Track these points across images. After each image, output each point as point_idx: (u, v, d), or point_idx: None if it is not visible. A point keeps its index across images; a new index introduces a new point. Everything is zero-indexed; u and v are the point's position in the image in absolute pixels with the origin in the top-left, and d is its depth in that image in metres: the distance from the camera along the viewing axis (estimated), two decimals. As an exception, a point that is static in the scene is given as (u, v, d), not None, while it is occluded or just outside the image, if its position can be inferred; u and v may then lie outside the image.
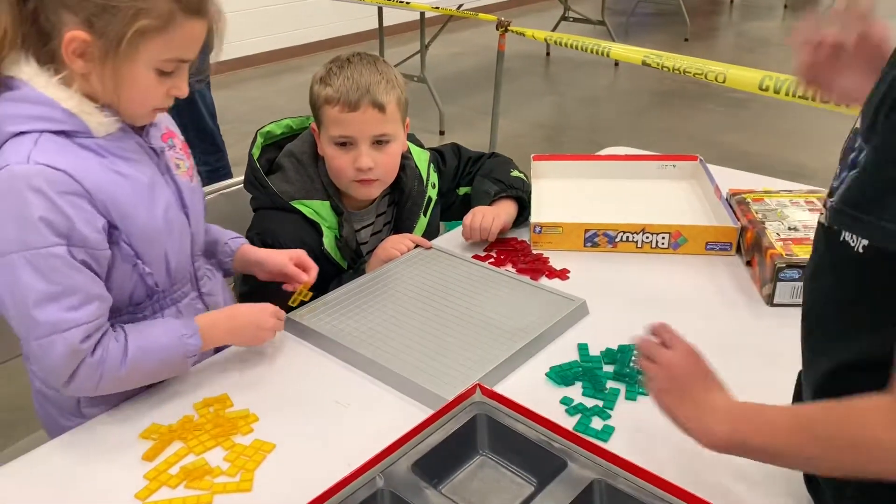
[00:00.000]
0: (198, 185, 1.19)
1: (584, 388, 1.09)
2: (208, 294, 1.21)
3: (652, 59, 2.18)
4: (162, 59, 0.99)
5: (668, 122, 4.49)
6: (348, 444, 0.99)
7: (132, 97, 1.01)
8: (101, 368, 0.99)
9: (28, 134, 0.97)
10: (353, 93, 1.31)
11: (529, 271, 1.39)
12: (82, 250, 0.97)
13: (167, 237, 1.08)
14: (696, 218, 1.57)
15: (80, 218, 0.97)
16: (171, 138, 1.16)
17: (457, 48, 5.85)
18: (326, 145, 1.36)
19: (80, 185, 0.97)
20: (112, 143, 1.02)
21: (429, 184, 1.52)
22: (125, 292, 1.07)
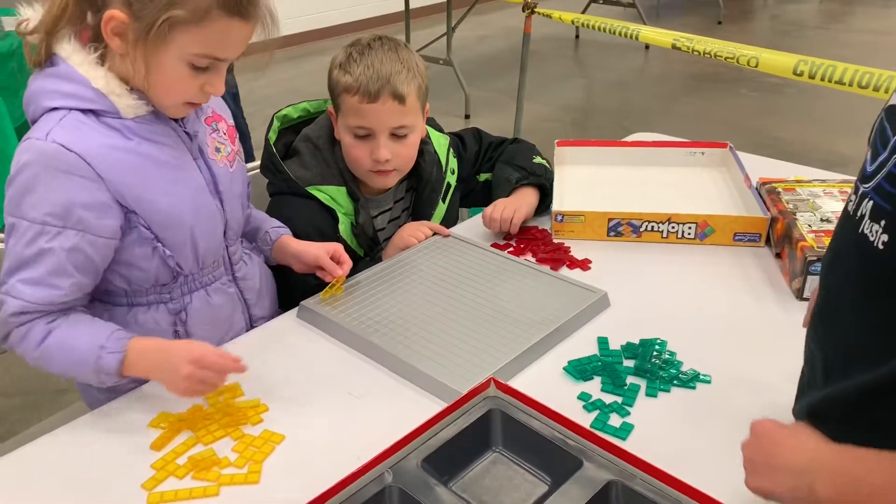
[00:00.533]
0: (240, 171, 1.18)
1: (603, 384, 1.06)
2: (243, 279, 1.21)
3: (682, 42, 2.11)
4: (193, 52, 0.97)
5: (699, 107, 4.39)
6: (359, 437, 0.96)
7: (161, 86, 1.00)
8: (22, 344, 1.01)
9: (59, 110, 0.99)
10: (372, 83, 1.27)
11: (550, 261, 1.35)
12: (79, 234, 0.98)
13: (194, 221, 1.07)
14: (725, 207, 1.52)
15: (82, 201, 0.97)
16: (216, 122, 1.15)
17: (483, 30, 5.78)
18: (344, 132, 1.33)
19: (92, 168, 0.98)
20: (141, 125, 1.03)
21: (448, 170, 1.48)
22: (148, 273, 1.07)
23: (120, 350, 0.99)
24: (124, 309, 1.11)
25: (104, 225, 1.00)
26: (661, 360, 1.10)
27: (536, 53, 5.30)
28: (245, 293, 1.22)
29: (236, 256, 1.20)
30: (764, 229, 1.40)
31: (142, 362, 1.00)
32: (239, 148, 1.19)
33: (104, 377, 0.99)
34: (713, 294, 1.26)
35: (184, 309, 1.13)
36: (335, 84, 1.32)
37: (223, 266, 1.17)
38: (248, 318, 1.23)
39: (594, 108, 4.55)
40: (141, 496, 0.89)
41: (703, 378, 1.07)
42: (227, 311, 1.18)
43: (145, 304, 1.11)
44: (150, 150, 1.03)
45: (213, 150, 1.13)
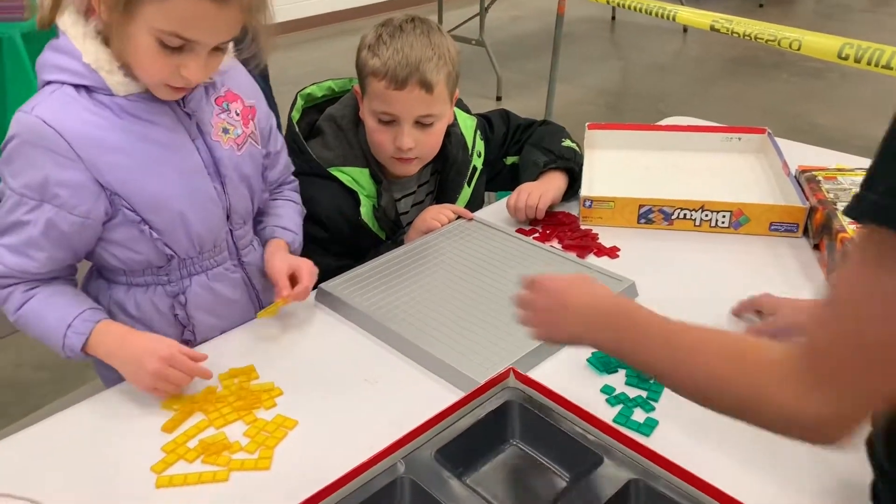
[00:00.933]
0: (251, 154, 1.13)
1: (628, 377, 1.02)
2: (251, 264, 1.18)
3: (721, 23, 2.04)
4: (159, 28, 0.92)
5: (737, 91, 4.28)
6: (373, 425, 0.94)
7: (137, 63, 0.97)
8: (5, 305, 1.03)
9: (53, 84, 0.98)
10: (401, 69, 1.23)
11: (576, 248, 1.31)
12: (54, 210, 0.97)
13: (186, 205, 1.04)
14: (761, 196, 1.47)
15: (57, 177, 0.96)
16: (228, 102, 1.11)
17: (517, 11, 5.69)
18: (368, 116, 1.30)
19: (70, 146, 0.96)
20: (135, 103, 1.00)
21: (474, 152, 1.44)
22: (140, 255, 1.05)
23: (85, 332, 0.99)
24: (124, 288, 1.10)
25: (78, 204, 0.98)
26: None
27: (571, 35, 5.21)
28: (253, 279, 1.18)
29: (244, 241, 1.16)
30: (802, 219, 1.34)
31: (104, 347, 1.00)
32: (254, 130, 1.14)
33: (69, 353, 1.00)
34: (747, 286, 1.20)
35: (182, 292, 1.10)
36: (363, 65, 1.28)
37: (227, 251, 1.14)
38: (259, 304, 1.20)
39: (629, 91, 4.46)
40: (150, 479, 0.87)
41: (733, 374, 1.02)
42: (232, 297, 1.15)
43: (143, 284, 1.09)
44: (141, 130, 1.00)
45: (218, 130, 1.08)
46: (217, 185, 1.08)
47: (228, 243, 1.14)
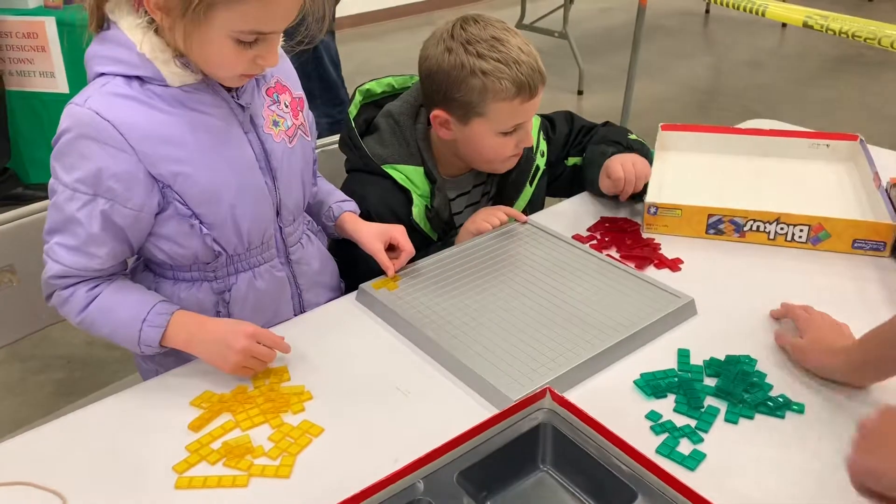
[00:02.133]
0: (301, 146, 1.12)
1: (677, 403, 0.94)
2: (297, 262, 1.15)
3: (815, 20, 1.89)
4: (237, 29, 0.92)
5: (837, 91, 4.03)
6: (400, 438, 0.90)
7: (209, 61, 0.96)
8: (65, 307, 1.01)
9: (105, 76, 0.97)
10: (532, 79, 1.18)
11: (635, 258, 1.24)
12: (108, 203, 0.96)
13: (236, 199, 1.02)
14: (846, 209, 1.35)
15: (111, 170, 0.95)
16: (278, 93, 1.09)
17: (606, 3, 5.53)
18: (487, 136, 1.23)
19: (125, 138, 0.95)
20: (188, 94, 0.98)
21: (538, 152, 1.38)
22: (188, 250, 1.03)
23: (161, 325, 0.99)
24: (170, 282, 1.08)
25: (131, 197, 0.96)
26: (748, 381, 0.97)
27: (661, 28, 5.03)
28: (298, 278, 1.16)
29: (293, 238, 1.14)
30: (890, 237, 1.23)
31: (183, 335, 1.00)
32: (303, 122, 1.13)
33: (145, 348, 1.00)
34: (823, 309, 1.11)
35: (228, 290, 1.08)
36: (479, 93, 1.18)
37: (275, 248, 1.12)
38: (300, 305, 1.18)
39: (719, 89, 4.26)
40: (171, 478, 0.86)
41: (795, 407, 0.93)
42: (274, 296, 1.13)
43: (189, 280, 1.08)
44: (195, 121, 0.98)
45: (269, 123, 1.06)
46: (268, 179, 1.06)
47: (277, 240, 1.12)
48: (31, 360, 2.18)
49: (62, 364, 2.18)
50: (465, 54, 1.18)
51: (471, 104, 1.20)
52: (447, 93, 1.21)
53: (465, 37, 1.19)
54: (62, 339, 2.24)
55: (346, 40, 4.24)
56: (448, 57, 1.19)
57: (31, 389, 2.09)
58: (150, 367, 1.12)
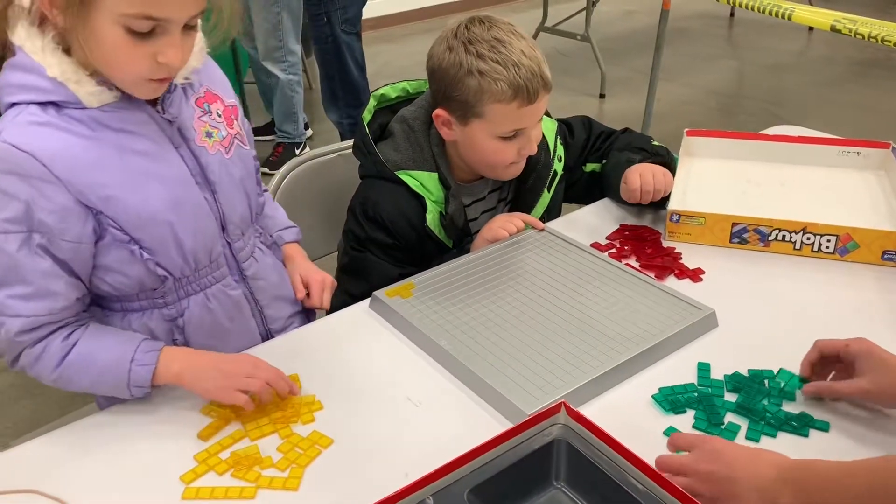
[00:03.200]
0: (240, 156, 1.06)
1: (697, 419, 0.92)
2: (254, 278, 1.10)
3: (843, 24, 1.85)
4: (124, 13, 0.84)
5: (865, 97, 3.95)
6: (410, 451, 0.89)
7: (108, 60, 0.88)
8: (38, 365, 0.93)
9: (18, 105, 0.90)
10: (531, 84, 1.15)
11: (655, 268, 1.21)
12: (44, 237, 0.90)
13: (174, 218, 0.96)
14: (876, 219, 1.31)
15: (40, 204, 0.88)
16: (209, 103, 1.03)
17: (630, 5, 5.48)
18: (486, 139, 1.20)
19: (47, 168, 0.88)
20: (109, 114, 0.92)
21: (555, 157, 1.36)
22: (132, 278, 0.97)
23: (151, 363, 0.93)
24: (119, 315, 1.02)
25: (67, 228, 0.90)
26: (771, 397, 0.94)
27: (685, 31, 4.97)
28: (256, 294, 1.11)
29: (244, 253, 1.08)
30: (921, 249, 1.19)
31: (174, 370, 0.95)
32: (239, 130, 1.07)
33: (135, 390, 0.94)
34: (847, 323, 1.07)
35: (180, 315, 1.02)
36: (475, 93, 1.16)
37: (226, 265, 1.06)
38: (263, 322, 1.13)
39: (744, 93, 4.20)
40: (178, 488, 0.85)
41: (819, 424, 0.90)
42: (231, 317, 1.07)
43: (138, 309, 1.01)
44: (119, 142, 0.92)
45: (201, 135, 1.00)
46: (207, 194, 1.01)
47: (227, 257, 1.06)
48: (50, 361, 2.18)
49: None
50: (464, 53, 1.17)
51: (468, 104, 1.18)
52: (446, 91, 1.19)
53: (467, 36, 1.17)
54: (80, 339, 2.24)
55: (367, 43, 4.23)
56: (448, 55, 1.18)
57: (49, 391, 2.08)
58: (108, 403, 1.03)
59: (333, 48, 2.79)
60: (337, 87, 2.85)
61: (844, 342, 0.92)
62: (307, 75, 4.02)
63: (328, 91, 2.92)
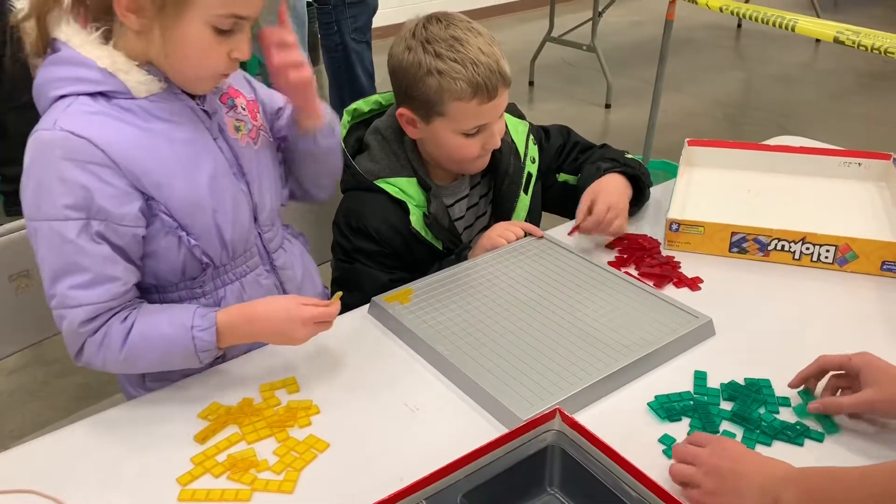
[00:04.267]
0: (267, 148, 1.10)
1: (692, 427, 0.92)
2: (283, 268, 1.13)
3: (847, 35, 1.85)
4: (216, 13, 0.90)
5: (872, 108, 3.94)
6: (406, 455, 0.89)
7: (189, 57, 0.94)
8: (102, 351, 0.95)
9: (66, 98, 0.93)
10: (489, 81, 1.16)
11: (654, 276, 1.21)
12: (102, 223, 0.92)
13: (216, 206, 1.00)
14: (876, 230, 1.31)
15: (99, 189, 0.91)
16: (232, 98, 1.07)
17: (638, 16, 5.49)
18: (448, 135, 1.22)
19: (105, 153, 0.91)
20: (155, 104, 0.96)
21: (527, 158, 1.36)
22: (175, 266, 1.01)
23: (210, 325, 0.95)
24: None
25: (125, 213, 0.93)
26: (767, 405, 0.94)
27: (692, 42, 4.97)
28: (285, 284, 1.14)
29: (274, 243, 1.12)
30: (920, 260, 1.19)
31: (238, 333, 0.98)
32: (263, 123, 1.11)
33: (203, 355, 0.96)
34: (845, 334, 1.07)
35: (217, 304, 1.05)
36: (436, 92, 1.17)
37: (258, 255, 1.09)
38: None
39: (751, 103, 4.20)
40: (174, 490, 0.85)
41: (814, 435, 0.90)
42: None
43: (177, 299, 1.04)
44: (166, 131, 0.96)
45: (231, 128, 1.04)
46: (242, 184, 1.05)
47: (259, 247, 1.10)
48: (55, 364, 2.20)
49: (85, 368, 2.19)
50: (423, 53, 1.17)
51: (430, 103, 1.19)
52: (408, 91, 1.21)
53: (425, 35, 1.18)
54: (85, 343, 2.26)
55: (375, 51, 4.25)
56: (407, 55, 1.19)
57: (54, 393, 2.11)
58: (139, 393, 1.07)
59: (343, 56, 2.81)
60: (346, 95, 2.87)
61: (847, 356, 0.92)
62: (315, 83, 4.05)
63: (337, 99, 2.93)
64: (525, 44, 4.58)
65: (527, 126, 1.39)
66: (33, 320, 1.17)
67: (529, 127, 1.40)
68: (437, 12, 1.23)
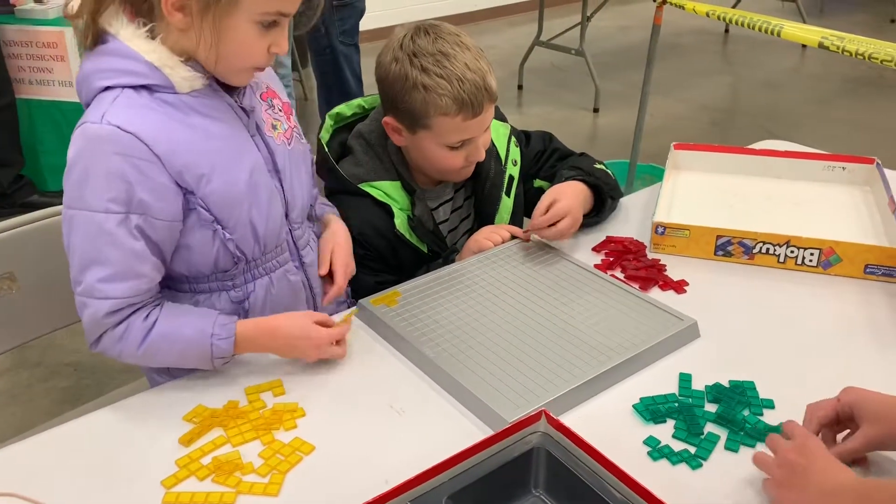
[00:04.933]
0: (299, 149, 1.13)
1: (677, 429, 0.92)
2: (310, 265, 1.15)
3: (831, 41, 1.87)
4: (262, 10, 0.94)
5: (857, 113, 3.98)
6: (391, 457, 0.89)
7: (232, 52, 0.96)
8: (121, 344, 0.98)
9: (113, 90, 0.96)
10: (475, 97, 1.16)
11: (639, 279, 1.21)
12: (141, 217, 0.95)
13: (252, 201, 1.03)
14: (860, 233, 1.32)
15: (142, 183, 0.94)
16: (270, 98, 1.11)
17: (626, 21, 5.52)
18: (434, 148, 1.22)
19: (150, 148, 0.94)
20: (197, 100, 0.99)
21: (509, 161, 1.36)
22: (209, 258, 1.03)
23: (230, 335, 0.99)
24: (188, 295, 1.07)
25: (164, 207, 0.96)
26: (750, 408, 0.95)
27: (679, 47, 5.00)
28: (312, 281, 1.16)
29: (303, 241, 1.14)
30: (903, 263, 1.20)
31: (254, 346, 1.02)
32: (296, 125, 1.14)
33: (217, 361, 1.00)
34: (829, 336, 1.09)
35: (246, 298, 1.08)
36: (421, 106, 1.17)
37: (288, 251, 1.11)
38: (315, 308, 1.17)
39: (738, 108, 4.23)
40: (158, 493, 0.85)
41: (799, 436, 0.91)
42: (290, 303, 1.12)
43: (207, 291, 1.07)
44: (206, 126, 0.98)
45: (269, 126, 1.07)
46: (276, 181, 1.07)
47: (289, 244, 1.12)
48: (38, 368, 2.18)
49: (69, 372, 2.18)
50: (409, 66, 1.17)
51: (415, 116, 1.19)
52: (394, 101, 1.21)
53: (412, 48, 1.18)
54: (70, 346, 2.24)
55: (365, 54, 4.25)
56: (394, 67, 1.19)
57: (38, 397, 2.09)
58: (164, 378, 1.09)
59: (331, 59, 2.81)
60: (334, 97, 2.87)
61: (835, 399, 0.87)
62: (303, 86, 4.04)
63: (325, 102, 2.93)
64: (514, 47, 4.60)
65: (508, 128, 1.39)
66: (17, 323, 1.16)
67: (511, 129, 1.40)
68: (425, 23, 1.22)
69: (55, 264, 1.16)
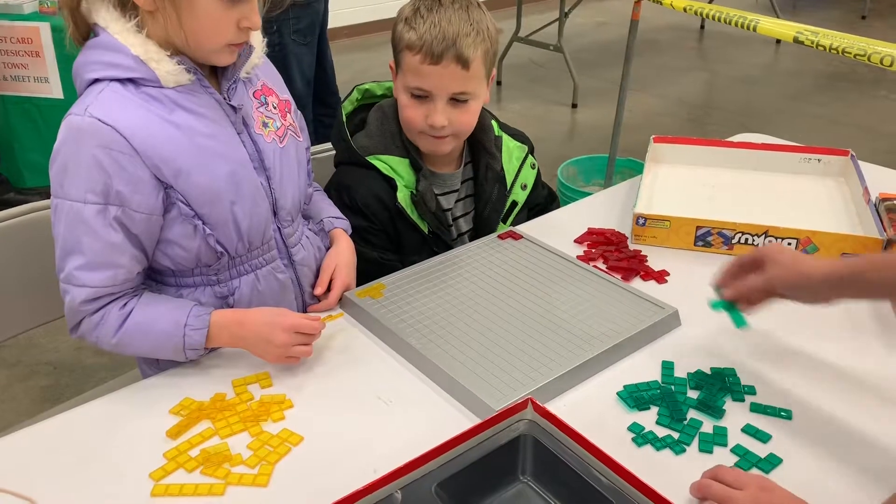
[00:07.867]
0: (293, 146, 1.13)
1: (660, 416, 0.94)
2: (301, 264, 1.15)
3: (806, 35, 1.89)
4: None
5: (831, 108, 4.04)
6: (379, 447, 0.89)
7: (199, 29, 0.96)
8: (97, 331, 0.99)
9: (101, 82, 0.97)
10: (437, 43, 1.18)
11: (622, 269, 1.23)
12: (120, 209, 0.96)
13: (234, 198, 1.02)
14: (836, 223, 1.35)
15: (119, 175, 0.95)
16: (265, 95, 1.11)
17: (603, 17, 5.56)
18: (401, 91, 1.26)
19: (128, 141, 0.95)
20: (183, 95, 0.99)
21: (517, 184, 1.39)
22: (191, 253, 1.03)
23: (203, 326, 0.99)
24: (173, 289, 1.07)
25: (142, 201, 0.97)
26: (732, 394, 0.97)
27: (656, 43, 5.05)
28: (302, 279, 1.16)
29: (293, 239, 1.14)
30: (878, 252, 1.22)
31: (226, 334, 1.01)
32: (292, 122, 1.14)
33: (189, 353, 1.00)
34: (804, 322, 1.10)
35: (231, 294, 1.08)
36: (398, 39, 1.23)
37: (276, 249, 1.11)
38: (303, 307, 1.17)
39: (714, 104, 4.28)
40: (147, 485, 0.85)
41: (784, 414, 0.93)
42: (276, 299, 1.12)
43: (192, 285, 1.07)
44: (190, 122, 0.99)
45: (259, 124, 1.07)
46: (263, 179, 1.07)
47: (277, 241, 1.11)
48: (18, 367, 2.16)
49: (49, 370, 2.16)
50: (410, 6, 1.23)
51: (395, 49, 1.25)
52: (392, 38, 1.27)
53: (427, 3, 1.23)
54: (49, 345, 2.22)
55: (344, 50, 4.24)
56: (405, 7, 1.25)
57: (17, 396, 2.07)
58: (153, 371, 1.08)
59: (280, 57, 2.75)
60: (301, 91, 2.83)
61: (756, 247, 0.97)
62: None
63: None
64: (492, 44, 4.61)
65: (525, 150, 1.41)
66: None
67: (528, 151, 1.42)
68: None
69: (32, 262, 1.16)
